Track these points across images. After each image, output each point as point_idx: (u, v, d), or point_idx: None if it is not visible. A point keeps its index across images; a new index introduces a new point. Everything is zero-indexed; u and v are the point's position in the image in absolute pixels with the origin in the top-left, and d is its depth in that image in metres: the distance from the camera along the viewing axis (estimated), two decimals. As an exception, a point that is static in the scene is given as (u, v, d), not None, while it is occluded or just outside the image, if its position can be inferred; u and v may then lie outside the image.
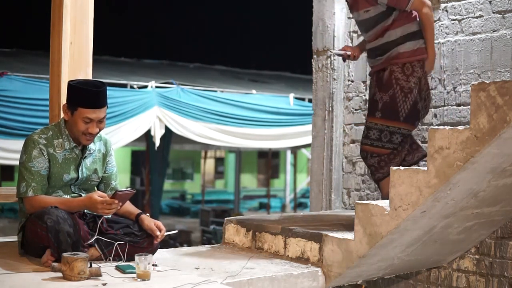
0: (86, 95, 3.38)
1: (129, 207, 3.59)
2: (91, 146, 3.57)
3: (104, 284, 2.93)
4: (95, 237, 3.38)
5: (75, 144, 3.49)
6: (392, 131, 3.96)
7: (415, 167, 3.69)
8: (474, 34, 4.56)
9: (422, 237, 3.69)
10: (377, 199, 4.92)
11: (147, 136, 11.01)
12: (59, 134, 3.47)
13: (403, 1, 3.91)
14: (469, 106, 3.94)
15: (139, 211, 3.56)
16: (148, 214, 3.55)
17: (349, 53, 4.20)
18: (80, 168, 3.51)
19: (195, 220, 17.77)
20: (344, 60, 4.39)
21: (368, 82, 5.27)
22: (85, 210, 3.53)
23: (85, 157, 3.54)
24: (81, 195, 3.51)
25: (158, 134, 9.85)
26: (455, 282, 4.27)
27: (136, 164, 22.65)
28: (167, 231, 3.61)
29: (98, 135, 3.62)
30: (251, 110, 11.07)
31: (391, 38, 3.98)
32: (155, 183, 12.82)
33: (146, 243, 3.47)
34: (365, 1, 3.95)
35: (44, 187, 3.39)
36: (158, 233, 3.45)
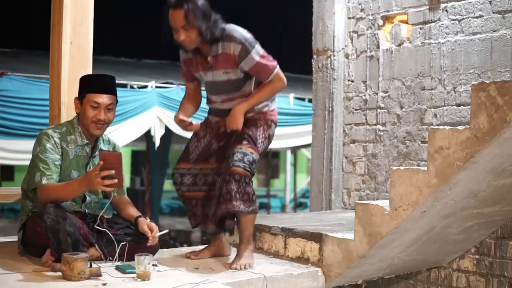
0: (93, 80, 3.56)
1: (131, 210, 3.61)
2: (101, 146, 3.61)
3: (104, 284, 2.93)
4: (96, 236, 3.39)
5: (87, 142, 3.54)
6: (254, 159, 3.63)
7: (415, 167, 3.69)
8: (474, 34, 4.56)
9: (422, 237, 3.69)
10: (377, 199, 4.92)
11: (147, 136, 11.01)
12: (72, 131, 3.53)
13: (265, 74, 3.65)
14: (469, 106, 3.94)
15: (139, 214, 3.58)
16: (148, 218, 3.55)
17: (193, 122, 3.77)
18: (88, 167, 3.54)
19: (195, 220, 17.71)
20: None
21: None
22: (86, 210, 3.54)
23: (94, 156, 3.57)
24: (85, 195, 3.53)
25: (158, 134, 9.85)
26: (455, 282, 4.27)
27: (136, 164, 22.65)
28: (163, 230, 3.63)
29: (107, 138, 3.68)
30: (251, 110, 11.04)
31: None
32: (155, 183, 12.81)
33: (146, 243, 3.47)
34: (226, 62, 3.62)
35: (58, 177, 3.41)
36: (149, 235, 3.44)
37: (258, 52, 3.63)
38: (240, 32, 3.64)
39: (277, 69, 3.69)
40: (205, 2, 3.59)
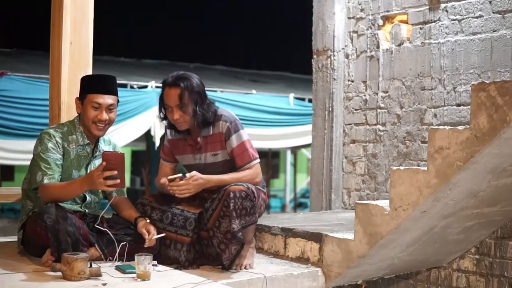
0: (94, 81, 3.57)
1: (130, 210, 3.60)
2: (102, 147, 3.61)
3: (104, 284, 2.93)
4: (95, 237, 3.39)
5: (88, 141, 3.55)
6: (253, 189, 3.54)
7: (415, 167, 3.69)
8: (474, 34, 4.56)
9: (422, 237, 3.69)
10: (377, 199, 4.92)
11: (147, 136, 11.02)
12: (73, 130, 3.55)
13: (244, 158, 3.59)
14: (469, 106, 3.94)
15: (139, 214, 3.57)
16: (147, 219, 3.53)
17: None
18: (88, 167, 3.55)
19: (195, 220, 17.69)
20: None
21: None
22: (86, 211, 3.54)
23: (95, 157, 3.58)
24: (85, 195, 3.53)
25: (158, 134, 9.86)
26: (455, 282, 4.27)
27: (136, 164, 22.64)
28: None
29: (107, 139, 3.69)
30: (251, 110, 11.07)
31: None
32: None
33: (144, 245, 3.46)
34: (215, 143, 3.64)
35: (59, 177, 3.41)
36: (146, 236, 3.43)
37: (243, 135, 3.63)
38: (230, 113, 3.69)
39: (257, 161, 3.65)
40: (201, 84, 3.61)
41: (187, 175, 3.47)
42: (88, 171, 3.53)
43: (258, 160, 3.67)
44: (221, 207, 3.45)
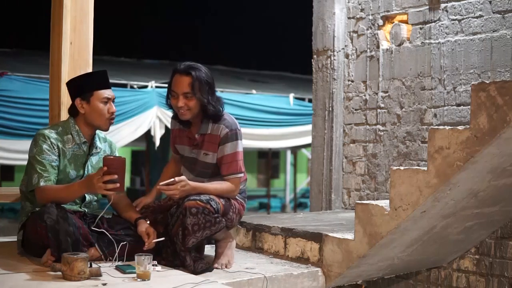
0: (97, 77, 3.56)
1: (130, 211, 3.60)
2: (98, 144, 3.61)
3: (104, 284, 2.93)
4: (96, 237, 3.39)
5: (84, 140, 3.54)
6: (216, 200, 3.47)
7: (415, 167, 3.69)
8: (474, 34, 4.56)
9: (422, 237, 3.69)
10: (377, 199, 4.92)
11: (147, 136, 11.02)
12: (69, 130, 3.53)
13: (229, 168, 3.55)
14: (469, 106, 3.94)
15: (139, 215, 3.56)
16: (148, 220, 3.52)
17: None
18: (86, 166, 3.54)
19: (195, 220, 17.68)
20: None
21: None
22: (86, 210, 3.54)
23: (92, 154, 3.57)
24: (84, 195, 3.53)
25: (158, 134, 9.87)
26: (455, 282, 4.27)
27: (136, 164, 22.66)
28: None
29: (103, 136, 3.69)
30: (251, 110, 11.08)
31: None
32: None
33: (144, 246, 3.45)
34: (210, 143, 3.58)
35: (55, 178, 3.41)
36: (146, 240, 3.42)
37: (239, 146, 3.60)
38: (234, 120, 3.65)
39: (241, 176, 3.61)
40: (211, 77, 3.58)
41: (176, 179, 3.42)
42: (86, 169, 3.53)
43: (242, 174, 3.63)
44: (182, 220, 3.40)
